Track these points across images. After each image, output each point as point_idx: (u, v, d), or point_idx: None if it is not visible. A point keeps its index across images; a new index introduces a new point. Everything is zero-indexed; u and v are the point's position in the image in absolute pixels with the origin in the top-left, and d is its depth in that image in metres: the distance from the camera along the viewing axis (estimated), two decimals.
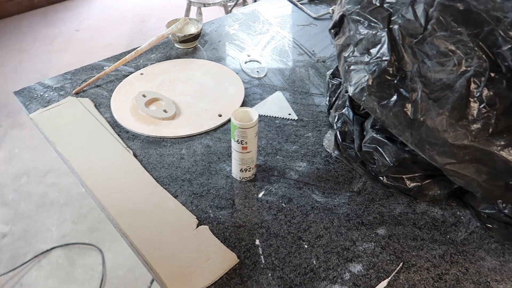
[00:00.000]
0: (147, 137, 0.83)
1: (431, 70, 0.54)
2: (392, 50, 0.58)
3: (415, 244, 0.65)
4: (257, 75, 1.02)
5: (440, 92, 0.54)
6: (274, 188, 0.73)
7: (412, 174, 0.68)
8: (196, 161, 0.78)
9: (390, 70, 0.58)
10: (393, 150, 0.66)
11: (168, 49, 1.10)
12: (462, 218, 0.69)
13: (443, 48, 0.53)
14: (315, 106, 0.92)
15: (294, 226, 0.67)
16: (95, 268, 1.60)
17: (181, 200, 0.71)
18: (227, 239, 0.65)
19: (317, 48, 1.13)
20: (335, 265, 0.62)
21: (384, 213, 0.69)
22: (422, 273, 0.61)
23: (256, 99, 0.94)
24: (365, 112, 0.75)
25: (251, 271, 0.61)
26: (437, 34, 0.54)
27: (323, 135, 0.84)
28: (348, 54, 0.65)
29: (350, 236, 0.66)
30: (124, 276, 1.57)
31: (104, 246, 1.66)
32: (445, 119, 0.54)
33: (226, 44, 1.14)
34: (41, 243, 1.68)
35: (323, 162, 0.79)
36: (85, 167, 0.76)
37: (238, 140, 0.68)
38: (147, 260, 0.61)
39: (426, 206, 0.71)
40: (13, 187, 1.91)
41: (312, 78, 1.01)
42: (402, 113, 0.58)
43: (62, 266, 1.60)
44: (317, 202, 0.71)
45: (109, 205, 0.69)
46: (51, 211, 1.81)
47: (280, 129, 0.86)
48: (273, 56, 1.10)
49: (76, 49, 2.82)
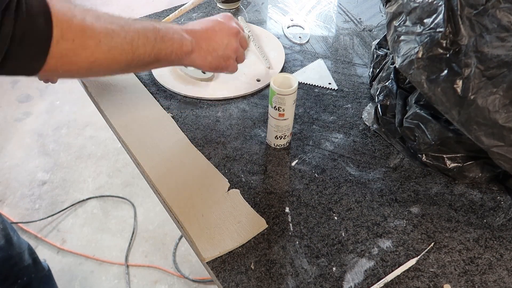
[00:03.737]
0: (184, 97, 0.84)
1: (489, 45, 0.51)
2: (448, 21, 0.54)
3: (449, 226, 0.63)
4: (299, 41, 0.99)
5: (496, 70, 0.50)
6: (307, 158, 0.73)
7: (454, 154, 0.66)
8: (231, 125, 0.78)
9: (444, 43, 0.55)
10: (436, 128, 0.64)
11: (210, 9, 1.08)
12: (502, 203, 0.66)
13: (506, 21, 0.49)
14: (357, 76, 0.89)
15: (325, 197, 0.67)
16: (127, 220, 1.66)
17: (214, 162, 0.71)
18: (257, 204, 0.65)
19: (364, 16, 1.08)
20: (364, 239, 0.61)
21: (420, 191, 0.68)
22: (453, 255, 0.59)
23: (296, 66, 0.92)
24: (410, 86, 0.71)
25: (279, 237, 0.61)
26: (501, 6, 0.50)
27: (362, 108, 0.82)
28: (399, 23, 0.62)
29: (381, 212, 0.65)
30: (154, 230, 1.63)
31: (136, 201, 1.72)
32: (498, 98, 0.51)
33: (269, 7, 1.11)
34: (77, 193, 1.76)
35: (360, 135, 0.77)
36: (122, 123, 0.77)
37: (276, 106, 0.67)
38: (178, 217, 0.63)
39: (465, 188, 0.68)
40: (54, 137, 1.99)
41: (356, 48, 0.97)
42: (451, 89, 0.55)
43: (97, 216, 1.68)
44: (350, 175, 0.70)
45: (144, 162, 0.70)
46: (88, 163, 1.88)
47: (318, 98, 0.84)
48: (317, 22, 1.06)
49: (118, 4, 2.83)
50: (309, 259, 0.59)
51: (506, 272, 0.58)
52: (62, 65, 0.50)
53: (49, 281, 1.20)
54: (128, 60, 0.57)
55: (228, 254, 0.59)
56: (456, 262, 0.59)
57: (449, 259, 0.59)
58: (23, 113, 2.11)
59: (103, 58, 0.53)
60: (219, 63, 0.71)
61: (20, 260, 1.03)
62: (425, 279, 0.57)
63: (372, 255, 0.59)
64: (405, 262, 0.58)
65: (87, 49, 0.50)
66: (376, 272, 0.57)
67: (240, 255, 0.59)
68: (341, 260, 0.59)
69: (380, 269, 0.58)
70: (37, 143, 1.96)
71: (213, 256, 0.58)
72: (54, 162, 1.88)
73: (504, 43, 0.50)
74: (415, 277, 0.57)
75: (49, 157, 1.90)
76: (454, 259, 0.59)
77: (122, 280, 1.49)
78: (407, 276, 0.57)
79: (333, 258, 0.59)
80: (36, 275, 1.10)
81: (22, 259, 1.04)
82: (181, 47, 0.64)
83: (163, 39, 0.61)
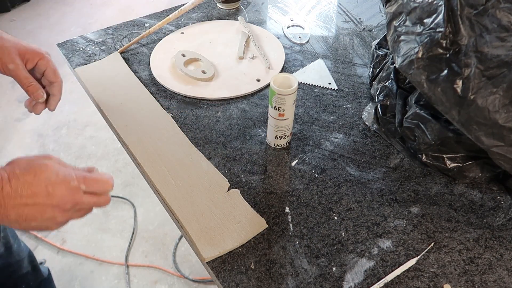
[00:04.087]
0: (184, 97, 0.84)
1: (489, 45, 0.51)
2: (448, 21, 0.54)
3: (449, 226, 0.63)
4: (299, 41, 0.99)
5: (496, 70, 0.50)
6: (307, 158, 0.73)
7: (454, 154, 0.66)
8: (231, 125, 0.78)
9: (444, 43, 0.55)
10: (436, 128, 0.64)
11: (210, 9, 1.08)
12: (502, 203, 0.66)
13: (506, 21, 0.49)
14: (357, 76, 0.89)
15: (325, 197, 0.67)
16: (127, 220, 1.66)
17: (214, 162, 0.71)
18: (257, 204, 0.65)
19: (364, 16, 1.08)
20: (364, 239, 0.61)
21: (420, 191, 0.68)
22: (453, 255, 0.59)
23: (296, 66, 0.92)
24: (410, 86, 0.71)
25: (279, 237, 0.61)
26: (501, 6, 0.50)
27: (362, 107, 0.82)
28: (399, 23, 0.62)
29: (381, 212, 0.65)
30: (154, 230, 1.63)
31: (136, 201, 1.72)
32: (498, 99, 0.51)
33: (269, 7, 1.11)
34: None
35: (360, 135, 0.77)
36: (123, 123, 0.77)
37: (276, 106, 0.67)
38: (178, 217, 0.63)
39: (465, 188, 0.68)
40: (54, 137, 1.99)
41: (356, 48, 0.97)
42: (451, 89, 0.55)
43: (97, 216, 1.68)
44: (350, 175, 0.70)
45: (144, 162, 0.70)
46: (88, 163, 1.88)
47: (318, 98, 0.84)
48: (317, 22, 1.06)
49: (118, 3, 2.83)
50: (309, 259, 0.59)
51: (506, 272, 0.58)
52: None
53: (48, 284, 1.19)
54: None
55: (228, 254, 0.59)
56: (456, 262, 0.59)
57: (449, 259, 0.59)
58: (23, 113, 2.11)
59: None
60: (35, 229, 0.54)
61: (19, 267, 1.02)
62: (425, 279, 0.57)
63: (372, 255, 0.59)
64: (405, 262, 0.58)
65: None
66: (376, 272, 0.57)
67: (240, 255, 0.59)
68: (341, 260, 0.59)
69: (380, 269, 0.58)
70: (37, 143, 1.96)
71: (213, 256, 0.58)
72: None
73: (504, 43, 0.50)
74: (415, 277, 0.57)
75: None
76: (454, 259, 0.59)
77: (122, 280, 1.49)
78: (407, 276, 0.57)
79: (333, 258, 0.59)
80: (35, 282, 1.09)
81: (21, 267, 1.03)
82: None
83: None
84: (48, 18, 2.76)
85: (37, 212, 0.50)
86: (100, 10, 2.81)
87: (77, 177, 0.53)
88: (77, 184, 0.52)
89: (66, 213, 0.53)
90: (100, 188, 0.56)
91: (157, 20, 1.03)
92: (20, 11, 2.83)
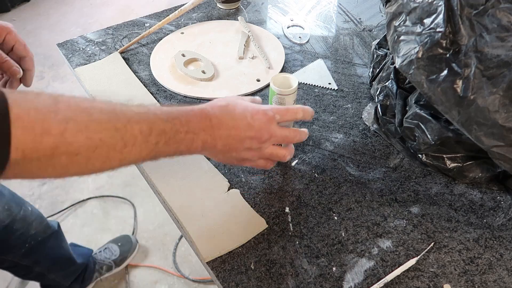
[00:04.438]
0: (184, 97, 0.84)
1: (489, 45, 0.51)
2: (448, 21, 0.54)
3: (449, 225, 0.63)
4: (299, 41, 0.99)
5: (496, 70, 0.50)
6: (307, 158, 0.73)
7: (454, 154, 0.66)
8: None
9: (444, 43, 0.55)
10: (436, 128, 0.64)
11: (210, 9, 1.08)
12: (502, 203, 0.66)
13: (505, 21, 0.49)
14: (357, 76, 0.89)
15: (325, 197, 0.67)
16: (127, 220, 1.66)
17: (214, 162, 0.71)
18: (257, 204, 0.65)
19: (364, 16, 1.08)
20: (364, 239, 0.61)
21: (420, 191, 0.68)
22: (453, 254, 0.59)
23: (296, 66, 0.92)
24: (410, 86, 0.71)
25: (279, 237, 0.61)
26: (500, 6, 0.50)
27: (362, 107, 0.82)
28: (399, 23, 0.62)
29: (381, 212, 0.65)
30: (154, 230, 1.63)
31: (136, 201, 1.72)
32: (498, 98, 0.51)
33: (269, 7, 1.11)
34: (77, 193, 1.76)
35: (360, 135, 0.77)
36: None
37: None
38: (178, 217, 0.63)
39: (465, 188, 0.68)
40: None
41: (356, 48, 0.97)
42: (451, 89, 0.55)
43: (97, 216, 1.68)
44: (350, 175, 0.70)
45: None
46: None
47: (318, 98, 0.84)
48: (317, 22, 1.06)
49: (118, 3, 2.84)
50: (309, 259, 0.59)
51: (506, 272, 0.58)
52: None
53: (59, 236, 1.27)
54: (113, 167, 0.47)
55: (228, 254, 0.59)
56: (456, 262, 0.59)
57: (449, 259, 0.59)
58: None
59: (82, 171, 0.45)
60: (230, 162, 0.61)
61: (27, 230, 1.11)
62: (425, 279, 0.57)
63: (372, 255, 0.59)
64: (405, 262, 0.58)
65: (55, 168, 0.42)
66: (376, 272, 0.57)
67: (240, 255, 0.59)
68: (341, 260, 0.59)
69: (380, 269, 0.58)
70: None
71: (213, 256, 0.58)
72: None
73: (504, 43, 0.50)
74: (415, 277, 0.57)
75: None
76: (454, 259, 0.59)
77: (122, 280, 1.49)
78: (407, 276, 0.57)
79: (333, 258, 0.59)
80: (44, 236, 1.18)
81: (29, 229, 1.12)
82: (189, 148, 0.53)
83: (168, 142, 0.50)
84: (48, 18, 2.76)
85: (239, 142, 0.56)
86: (100, 10, 2.81)
87: (271, 108, 0.58)
88: (272, 114, 0.57)
89: (261, 147, 0.59)
90: (292, 116, 0.61)
91: (157, 20, 1.03)
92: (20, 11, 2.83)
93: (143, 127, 0.47)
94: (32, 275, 1.24)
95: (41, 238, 1.16)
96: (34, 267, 1.19)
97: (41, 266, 1.21)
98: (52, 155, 0.40)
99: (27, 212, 1.12)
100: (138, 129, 0.46)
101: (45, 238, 1.18)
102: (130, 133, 0.45)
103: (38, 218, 1.16)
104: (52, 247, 1.22)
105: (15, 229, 1.07)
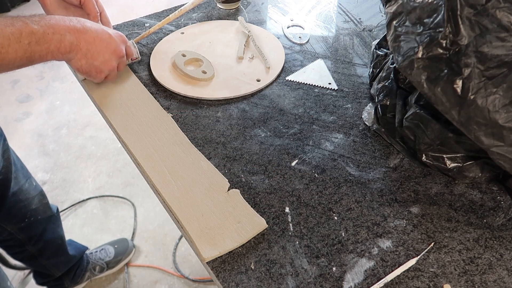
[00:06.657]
0: (184, 97, 0.84)
1: (489, 45, 0.51)
2: (448, 21, 0.54)
3: (449, 225, 0.63)
4: (299, 41, 0.99)
5: (496, 70, 0.50)
6: (307, 158, 0.73)
7: (454, 154, 0.66)
8: (231, 125, 0.78)
9: (444, 43, 0.55)
10: (436, 128, 0.64)
11: (210, 9, 1.08)
12: (502, 203, 0.66)
13: (506, 21, 0.49)
14: (357, 76, 0.89)
15: (325, 197, 0.67)
16: (127, 220, 1.66)
17: (214, 162, 0.71)
18: (257, 204, 0.65)
19: (364, 16, 1.08)
20: (364, 239, 0.61)
21: (420, 191, 0.68)
22: (453, 254, 0.59)
23: (296, 66, 0.92)
24: (410, 86, 0.71)
25: (279, 237, 0.61)
26: (501, 6, 0.50)
27: (362, 107, 0.82)
28: (399, 23, 0.62)
29: (381, 212, 0.65)
30: (154, 230, 1.63)
31: (136, 201, 1.72)
32: (498, 98, 0.51)
33: (269, 7, 1.11)
34: (78, 193, 1.76)
35: (360, 135, 0.77)
36: (122, 123, 0.77)
37: None
38: (178, 217, 0.63)
39: (465, 188, 0.68)
40: (54, 138, 1.99)
41: (356, 48, 0.97)
42: (451, 89, 0.55)
43: (97, 216, 1.68)
44: (350, 175, 0.70)
45: (144, 162, 0.70)
46: (88, 163, 1.88)
47: (318, 98, 0.84)
48: (317, 22, 1.06)
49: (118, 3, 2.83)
50: (309, 259, 0.59)
51: (506, 272, 0.58)
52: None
53: (56, 221, 1.32)
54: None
55: (228, 254, 0.59)
56: (456, 262, 0.59)
57: (449, 259, 0.59)
58: (23, 113, 2.11)
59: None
60: (90, 71, 0.73)
61: (29, 203, 1.17)
62: (425, 279, 0.57)
63: (372, 255, 0.59)
64: (405, 262, 0.58)
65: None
66: (376, 272, 0.57)
67: (240, 255, 0.59)
68: (341, 260, 0.59)
69: (380, 269, 0.58)
70: (37, 143, 1.96)
71: (213, 256, 0.58)
72: (54, 162, 1.88)
73: (504, 43, 0.50)
74: (415, 277, 0.57)
75: (49, 157, 1.90)
76: (454, 259, 0.59)
77: (122, 280, 1.49)
78: (407, 276, 0.57)
79: (333, 258, 0.59)
80: (43, 216, 1.23)
81: (31, 203, 1.18)
82: (59, 48, 0.65)
83: (39, 42, 0.61)
84: None
85: (101, 52, 0.72)
86: None
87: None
88: (126, 39, 0.81)
89: (118, 62, 0.78)
90: (121, 67, 0.83)
91: (157, 20, 1.03)
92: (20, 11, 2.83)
93: (13, 30, 0.58)
94: (24, 255, 1.27)
95: (40, 217, 1.22)
96: (27, 244, 1.22)
97: (34, 246, 1.24)
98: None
99: (31, 186, 1.18)
100: (9, 32, 0.57)
101: (43, 219, 1.23)
102: (2, 36, 0.57)
103: (39, 195, 1.21)
104: (48, 229, 1.26)
105: (20, 199, 1.13)
